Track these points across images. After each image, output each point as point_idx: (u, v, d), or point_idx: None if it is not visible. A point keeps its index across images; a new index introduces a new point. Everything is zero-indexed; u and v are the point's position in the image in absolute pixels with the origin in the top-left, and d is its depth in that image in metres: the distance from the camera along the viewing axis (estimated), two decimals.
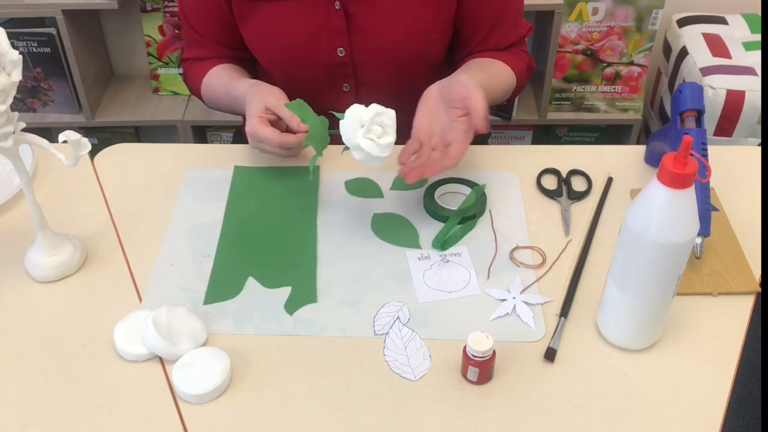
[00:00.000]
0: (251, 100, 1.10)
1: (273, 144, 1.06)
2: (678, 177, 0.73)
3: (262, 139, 1.06)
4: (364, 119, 0.96)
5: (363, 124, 0.96)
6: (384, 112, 0.97)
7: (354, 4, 1.14)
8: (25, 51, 2.00)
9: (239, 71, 1.25)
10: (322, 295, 0.96)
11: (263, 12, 1.16)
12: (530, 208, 1.09)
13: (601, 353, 0.89)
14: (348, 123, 0.96)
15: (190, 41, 1.27)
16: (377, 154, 0.97)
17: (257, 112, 1.07)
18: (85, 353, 0.90)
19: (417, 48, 1.17)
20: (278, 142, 1.05)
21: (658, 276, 0.81)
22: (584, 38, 2.03)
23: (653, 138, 1.14)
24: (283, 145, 1.06)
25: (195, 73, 1.27)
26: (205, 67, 1.25)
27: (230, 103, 1.20)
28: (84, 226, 1.07)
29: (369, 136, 0.97)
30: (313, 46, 1.17)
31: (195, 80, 1.27)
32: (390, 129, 0.98)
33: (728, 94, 1.84)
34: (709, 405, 0.83)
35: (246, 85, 1.14)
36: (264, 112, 1.08)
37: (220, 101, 1.24)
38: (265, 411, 0.83)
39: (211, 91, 1.24)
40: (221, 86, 1.21)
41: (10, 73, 0.83)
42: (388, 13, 1.14)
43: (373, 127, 0.97)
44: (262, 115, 1.07)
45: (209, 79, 1.24)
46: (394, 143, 0.99)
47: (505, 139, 2.32)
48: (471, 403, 0.84)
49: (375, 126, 0.97)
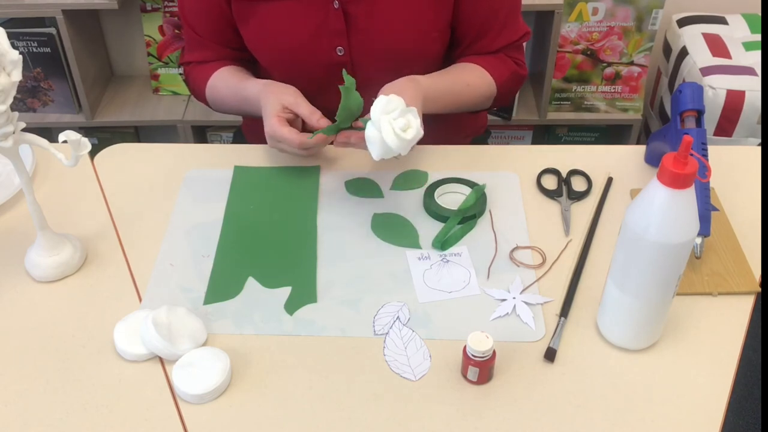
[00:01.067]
0: (267, 100, 1.09)
1: (293, 144, 1.05)
2: (678, 177, 0.73)
3: (281, 139, 1.06)
4: (393, 108, 0.96)
5: (391, 112, 0.96)
6: (412, 110, 0.98)
7: (353, 4, 1.13)
8: (25, 51, 2.00)
9: (245, 72, 1.25)
10: (322, 295, 0.96)
11: (262, 12, 1.16)
12: (530, 208, 1.09)
13: (601, 353, 0.89)
14: (380, 105, 0.96)
15: (191, 43, 1.27)
16: (392, 143, 0.96)
17: (275, 112, 1.07)
18: (85, 353, 0.90)
19: (416, 47, 1.17)
20: (298, 142, 1.05)
21: (658, 276, 0.81)
22: (584, 38, 2.03)
23: (653, 138, 1.14)
24: (303, 146, 1.06)
25: (198, 76, 1.27)
26: (209, 69, 1.25)
27: (239, 104, 1.20)
28: (84, 226, 1.07)
29: (394, 124, 0.95)
30: (312, 46, 1.17)
31: (198, 83, 1.27)
32: (414, 125, 0.97)
33: (728, 94, 1.84)
34: (709, 405, 0.83)
35: (258, 86, 1.14)
36: (282, 111, 1.07)
37: (228, 103, 1.23)
38: (265, 411, 0.83)
39: (217, 93, 1.24)
40: (228, 88, 1.21)
41: (10, 73, 0.83)
42: (387, 13, 1.14)
43: (400, 118, 0.96)
44: (280, 114, 1.07)
45: (214, 81, 1.24)
46: (414, 141, 0.98)
47: (505, 139, 2.32)
48: (471, 403, 0.84)
49: (402, 118, 0.96)
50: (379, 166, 1.16)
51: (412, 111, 0.97)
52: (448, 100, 1.18)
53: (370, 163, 1.16)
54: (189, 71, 1.30)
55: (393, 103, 0.96)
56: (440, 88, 1.15)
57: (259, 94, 1.12)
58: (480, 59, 1.22)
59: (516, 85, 1.28)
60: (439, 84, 1.16)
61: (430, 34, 1.17)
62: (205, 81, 1.25)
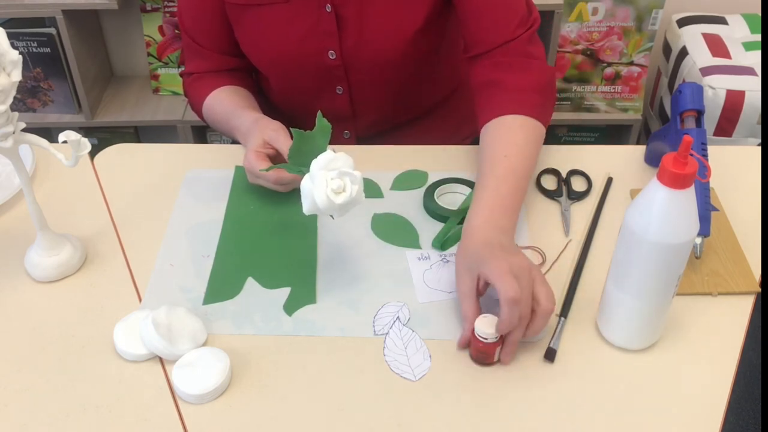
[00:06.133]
0: (250, 135, 1.08)
1: (269, 180, 1.05)
2: (678, 177, 0.73)
3: (258, 175, 1.05)
4: (334, 167, 0.88)
5: (331, 170, 0.88)
6: (353, 176, 0.89)
7: (345, 7, 1.13)
8: (25, 51, 2.00)
9: (241, 96, 1.22)
10: (322, 295, 0.96)
11: (254, 16, 1.16)
12: (530, 208, 1.09)
13: (601, 353, 0.89)
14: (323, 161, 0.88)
15: (190, 53, 1.26)
16: (320, 201, 0.87)
17: (255, 146, 1.06)
18: (85, 353, 0.90)
19: (408, 49, 1.16)
20: (273, 178, 1.04)
21: (658, 276, 0.81)
22: (584, 38, 2.03)
23: (653, 138, 1.14)
24: (279, 181, 1.05)
25: (196, 92, 1.25)
26: (206, 86, 1.23)
27: (230, 131, 1.19)
28: (84, 226, 1.07)
29: (330, 183, 0.87)
30: (303, 50, 1.16)
31: (196, 99, 1.26)
32: (349, 191, 0.88)
33: (728, 94, 1.84)
34: (709, 405, 0.83)
35: (248, 120, 1.12)
36: (262, 146, 1.06)
37: (221, 127, 1.22)
38: (265, 411, 0.83)
39: (212, 114, 1.23)
40: (223, 114, 1.20)
41: (10, 73, 0.83)
42: (378, 16, 1.13)
43: (337, 179, 0.88)
44: (259, 150, 1.05)
45: (211, 102, 1.22)
46: (346, 208, 0.90)
47: None
48: (471, 403, 0.84)
49: (339, 180, 0.88)
50: (379, 166, 1.16)
51: (353, 177, 0.88)
52: (519, 197, 0.99)
53: (370, 164, 1.16)
54: (188, 84, 1.28)
55: (337, 162, 0.88)
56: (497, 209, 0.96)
57: (248, 130, 1.10)
58: (501, 105, 1.07)
59: (552, 93, 1.13)
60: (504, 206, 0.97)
61: (421, 36, 1.16)
62: (202, 99, 1.24)
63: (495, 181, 0.98)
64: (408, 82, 1.22)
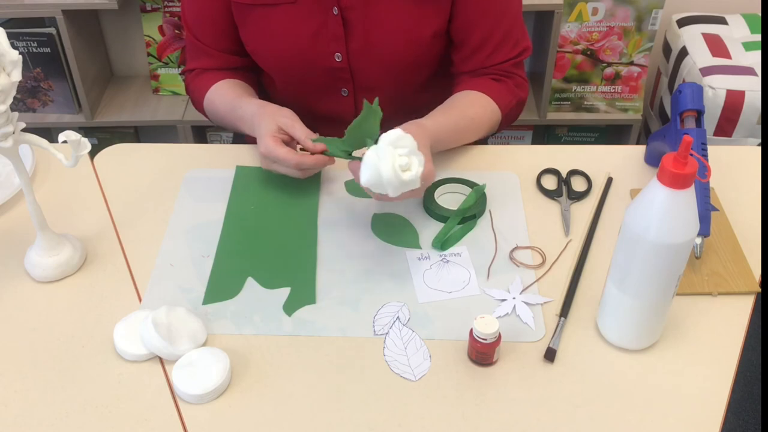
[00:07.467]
0: (261, 121, 1.08)
1: (289, 164, 1.04)
2: (678, 177, 0.73)
3: (278, 159, 1.04)
4: (404, 145, 0.91)
5: (399, 147, 0.90)
6: (420, 157, 0.92)
7: (352, 10, 1.13)
8: (25, 51, 2.00)
9: (243, 88, 1.23)
10: (322, 295, 0.96)
11: (260, 16, 1.16)
12: (530, 208, 1.09)
13: (601, 353, 0.89)
14: (392, 137, 0.90)
15: (193, 51, 1.26)
16: (385, 174, 0.89)
17: (270, 132, 1.05)
18: (85, 353, 0.90)
19: (414, 53, 1.16)
20: (295, 162, 1.03)
21: (658, 276, 0.81)
22: (584, 38, 2.03)
23: (653, 138, 1.14)
24: (300, 165, 1.04)
25: (197, 87, 1.25)
26: (208, 81, 1.23)
27: (234, 121, 1.18)
28: (84, 226, 1.07)
29: (397, 159, 0.90)
30: (310, 51, 1.16)
31: (197, 94, 1.26)
32: (415, 170, 0.91)
33: (728, 94, 1.84)
34: (709, 405, 0.83)
35: (254, 106, 1.12)
36: (277, 131, 1.06)
37: (224, 118, 1.22)
38: (265, 411, 0.83)
39: (214, 107, 1.23)
40: (225, 104, 1.20)
41: (10, 73, 0.83)
42: (385, 19, 1.13)
43: (405, 157, 0.90)
44: (275, 134, 1.05)
45: (212, 95, 1.22)
46: (407, 186, 0.92)
47: (505, 139, 2.32)
48: (471, 403, 0.84)
49: (407, 158, 0.91)
50: None
51: (420, 157, 0.92)
52: (454, 138, 1.15)
53: None
54: (189, 80, 1.28)
55: (405, 140, 0.90)
56: (445, 128, 1.12)
57: (253, 115, 1.11)
58: (484, 85, 1.18)
59: (519, 111, 1.25)
60: (445, 124, 1.12)
61: (427, 40, 1.16)
62: (203, 93, 1.24)
63: (460, 112, 1.15)
64: (412, 85, 1.22)
